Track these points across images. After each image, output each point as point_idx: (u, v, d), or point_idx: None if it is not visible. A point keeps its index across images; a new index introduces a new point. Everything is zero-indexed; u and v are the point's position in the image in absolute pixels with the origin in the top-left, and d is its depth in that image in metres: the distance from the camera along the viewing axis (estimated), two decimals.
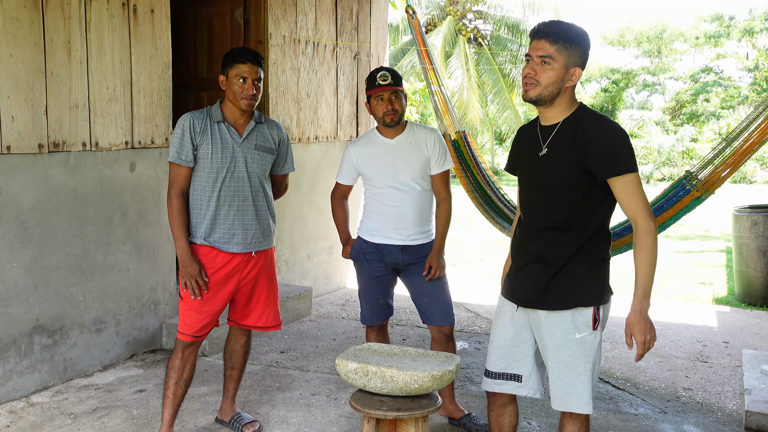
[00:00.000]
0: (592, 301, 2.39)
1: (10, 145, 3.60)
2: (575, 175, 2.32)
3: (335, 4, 6.10)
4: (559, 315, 2.40)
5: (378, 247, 3.45)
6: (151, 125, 4.41)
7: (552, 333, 2.42)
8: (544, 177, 2.40)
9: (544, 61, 2.30)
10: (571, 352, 2.39)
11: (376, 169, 3.42)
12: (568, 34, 2.32)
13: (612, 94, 29.11)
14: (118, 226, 4.25)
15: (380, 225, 3.44)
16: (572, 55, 2.32)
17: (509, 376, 2.54)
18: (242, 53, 3.12)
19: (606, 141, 2.29)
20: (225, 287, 3.16)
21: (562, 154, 2.35)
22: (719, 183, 3.92)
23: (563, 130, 2.37)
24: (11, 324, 3.68)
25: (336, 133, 6.23)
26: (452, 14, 21.96)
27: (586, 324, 2.39)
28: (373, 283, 3.52)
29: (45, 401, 3.73)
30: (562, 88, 2.34)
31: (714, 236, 11.27)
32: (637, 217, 2.29)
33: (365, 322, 3.59)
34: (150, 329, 4.54)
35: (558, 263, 2.38)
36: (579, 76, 2.35)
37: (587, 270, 2.39)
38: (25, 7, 3.63)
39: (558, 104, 2.37)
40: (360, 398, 2.58)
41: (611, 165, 2.27)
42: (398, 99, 3.32)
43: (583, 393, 2.41)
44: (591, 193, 2.35)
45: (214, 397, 3.82)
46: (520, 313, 2.52)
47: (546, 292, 2.40)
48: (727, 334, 5.29)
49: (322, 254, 6.21)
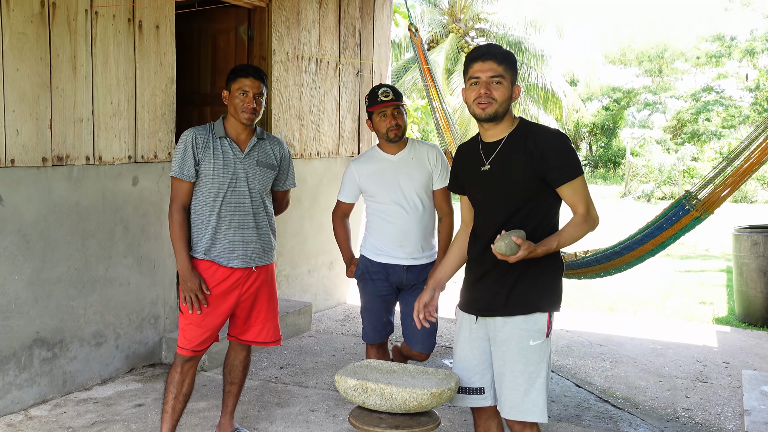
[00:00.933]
0: (548, 307, 2.50)
1: (14, 158, 3.62)
2: (530, 184, 2.46)
3: (338, 21, 6.15)
4: (514, 322, 2.48)
5: (384, 266, 3.47)
6: (155, 140, 4.44)
7: (507, 341, 2.49)
8: (495, 189, 2.52)
9: (495, 80, 2.45)
10: (526, 360, 2.47)
11: (379, 185, 3.43)
12: (509, 55, 2.51)
13: (613, 113, 29.20)
14: (120, 239, 4.26)
15: (385, 243, 3.46)
16: (513, 74, 2.51)
17: (472, 390, 2.62)
18: (245, 68, 3.18)
19: (558, 149, 2.45)
20: (225, 302, 3.17)
21: (511, 166, 2.48)
22: (719, 203, 3.93)
23: (509, 143, 2.50)
24: (11, 336, 3.69)
25: (338, 149, 6.26)
26: (454, 32, 22.10)
27: (539, 331, 2.48)
28: (377, 302, 3.54)
29: (44, 414, 3.73)
30: (509, 105, 2.51)
31: (715, 256, 11.26)
32: (582, 210, 2.46)
33: (367, 339, 3.61)
34: (150, 343, 4.54)
35: (517, 270, 2.47)
36: (519, 92, 2.53)
37: (549, 275, 2.52)
38: (32, 22, 3.67)
39: (505, 120, 2.53)
40: (359, 415, 2.58)
41: (567, 171, 2.44)
42: (400, 114, 3.36)
43: (538, 401, 2.47)
44: (544, 199, 2.49)
45: (212, 412, 3.82)
46: (478, 324, 2.60)
47: (508, 297, 2.49)
48: (727, 355, 5.28)
49: (323, 270, 6.22)
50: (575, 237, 2.45)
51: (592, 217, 2.48)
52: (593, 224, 2.48)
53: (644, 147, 24.85)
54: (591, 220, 2.47)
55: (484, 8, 22.79)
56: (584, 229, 2.46)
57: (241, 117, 3.12)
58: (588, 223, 2.46)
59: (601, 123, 28.82)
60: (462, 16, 22.54)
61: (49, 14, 3.75)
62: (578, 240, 2.48)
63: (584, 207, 2.46)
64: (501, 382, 2.53)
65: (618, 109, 29.41)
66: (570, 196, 2.47)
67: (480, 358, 2.60)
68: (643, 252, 4.30)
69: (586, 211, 2.46)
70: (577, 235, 2.45)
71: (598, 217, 2.51)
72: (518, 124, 2.55)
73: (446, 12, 22.78)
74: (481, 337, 2.60)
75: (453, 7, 22.70)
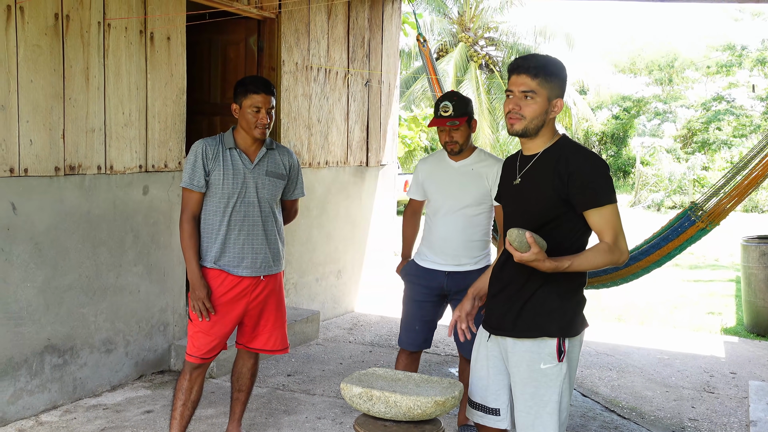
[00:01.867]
0: (557, 333, 2.39)
1: (27, 168, 3.69)
2: (553, 203, 2.36)
3: (347, 32, 6.21)
4: (524, 345, 2.41)
5: (426, 271, 3.51)
6: (165, 149, 4.50)
7: (518, 363, 2.43)
8: (520, 205, 2.46)
9: (526, 96, 2.35)
10: (536, 383, 2.40)
11: (434, 188, 3.50)
12: (548, 67, 2.37)
13: (623, 122, 29.15)
14: (130, 248, 4.32)
15: (428, 248, 3.52)
16: (553, 87, 2.37)
17: (488, 410, 2.55)
18: (255, 82, 3.19)
19: (588, 173, 2.34)
20: (233, 310, 3.21)
21: (539, 183, 2.40)
22: (724, 215, 3.94)
23: (542, 160, 2.42)
24: (23, 343, 3.75)
25: (346, 159, 6.31)
26: (464, 41, 22.17)
27: (550, 355, 2.39)
28: (413, 306, 3.57)
29: (54, 420, 3.78)
30: (546, 120, 2.40)
31: (724, 266, 11.22)
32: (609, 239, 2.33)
33: (399, 343, 3.65)
34: (159, 350, 4.59)
35: (528, 291, 2.41)
36: (561, 107, 2.40)
37: (555, 300, 2.40)
38: (46, 35, 3.75)
39: (541, 135, 2.42)
40: (364, 422, 2.61)
41: (593, 197, 2.32)
42: (459, 129, 3.39)
43: (549, 425, 2.41)
44: (566, 222, 2.38)
45: (220, 419, 3.86)
46: (491, 342, 2.54)
47: (516, 319, 2.42)
48: (735, 365, 5.28)
49: (331, 278, 6.26)
50: (594, 264, 2.32)
51: (619, 249, 2.33)
52: (619, 256, 2.34)
53: (654, 156, 24.79)
54: (617, 251, 2.33)
55: (494, 17, 22.87)
56: (607, 258, 2.32)
57: (255, 133, 3.17)
58: (613, 254, 2.32)
59: (611, 132, 28.77)
60: (471, 26, 22.61)
61: (62, 27, 3.82)
62: (598, 268, 2.34)
63: (611, 236, 2.32)
64: (515, 402, 2.49)
65: (628, 118, 29.36)
66: (597, 222, 2.35)
67: (495, 378, 2.54)
68: (650, 262, 4.32)
69: (613, 241, 2.32)
70: (597, 262, 2.32)
71: (626, 251, 2.37)
72: (557, 141, 2.44)
73: (455, 21, 22.86)
74: (495, 356, 2.53)
75: (462, 16, 22.79)
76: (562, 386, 2.41)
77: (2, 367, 3.65)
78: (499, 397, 2.54)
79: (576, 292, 2.45)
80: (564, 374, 2.40)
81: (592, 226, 2.37)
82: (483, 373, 2.57)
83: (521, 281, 2.42)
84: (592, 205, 2.32)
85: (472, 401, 2.60)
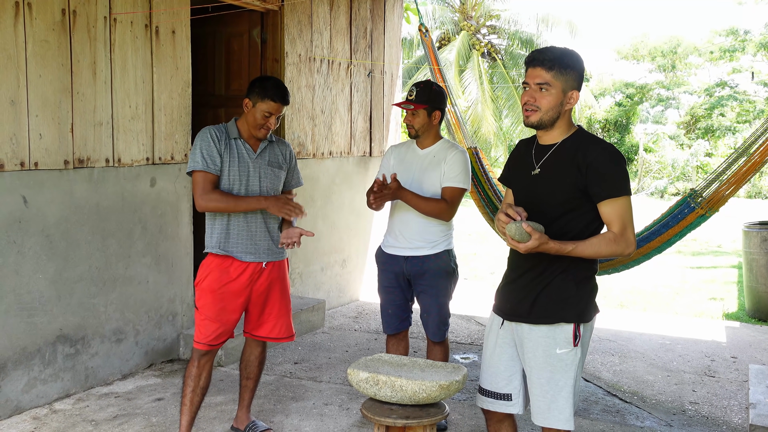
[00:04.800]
0: (574, 318, 2.44)
1: (37, 162, 3.76)
2: (571, 194, 2.40)
3: (350, 23, 6.25)
4: (540, 330, 2.46)
5: (389, 257, 3.62)
6: (171, 141, 4.57)
7: (534, 348, 2.48)
8: (539, 195, 2.49)
9: (542, 88, 2.39)
10: (552, 368, 2.45)
11: (400, 174, 3.56)
12: (563, 59, 2.41)
13: (626, 108, 29.09)
14: (139, 239, 4.39)
15: (390, 233, 3.64)
16: (568, 80, 2.41)
17: (499, 396, 2.59)
18: (277, 90, 3.20)
19: (605, 165, 2.38)
20: (239, 297, 3.28)
21: (558, 174, 2.44)
22: (723, 201, 3.99)
23: (560, 150, 2.46)
24: (36, 333, 3.83)
25: (349, 149, 6.37)
26: (466, 29, 22.12)
27: (567, 340, 2.44)
28: (383, 292, 3.70)
29: (67, 408, 3.86)
30: (562, 111, 2.44)
31: (727, 252, 11.26)
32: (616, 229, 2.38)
33: (384, 329, 3.75)
34: (168, 340, 4.67)
35: (546, 279, 2.46)
36: (577, 99, 2.44)
37: (573, 287, 2.45)
38: (54, 30, 3.80)
39: (558, 127, 2.47)
40: (370, 406, 2.68)
41: (608, 188, 2.37)
42: (416, 115, 3.52)
43: (564, 409, 2.46)
44: (584, 213, 2.43)
45: (229, 405, 3.94)
46: (504, 329, 2.58)
47: (533, 306, 2.47)
48: (736, 349, 5.34)
49: (336, 267, 6.33)
50: (599, 252, 2.36)
51: (625, 240, 2.37)
52: (625, 247, 2.38)
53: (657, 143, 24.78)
54: (623, 242, 2.37)
55: (496, 5, 22.81)
56: (612, 248, 2.36)
57: (258, 133, 3.24)
58: (618, 244, 2.36)
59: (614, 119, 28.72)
60: (473, 14, 22.56)
61: (69, 22, 3.88)
62: (602, 257, 2.40)
63: (619, 227, 2.37)
64: (530, 387, 2.53)
65: (631, 105, 29.29)
66: (608, 213, 2.38)
67: (507, 364, 2.57)
68: (651, 249, 4.37)
69: (621, 232, 2.36)
70: (602, 250, 2.36)
71: (633, 243, 2.40)
72: (574, 133, 2.48)
73: (457, 9, 22.81)
74: (507, 343, 2.57)
75: (464, 4, 22.72)
76: (577, 371, 2.47)
77: (16, 356, 3.73)
78: (510, 382, 2.58)
79: (590, 279, 2.51)
80: (579, 359, 2.46)
81: (603, 217, 2.41)
82: (494, 359, 2.61)
83: (540, 269, 2.47)
84: (606, 195, 2.36)
85: (482, 388, 2.64)
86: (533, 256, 2.45)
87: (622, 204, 2.37)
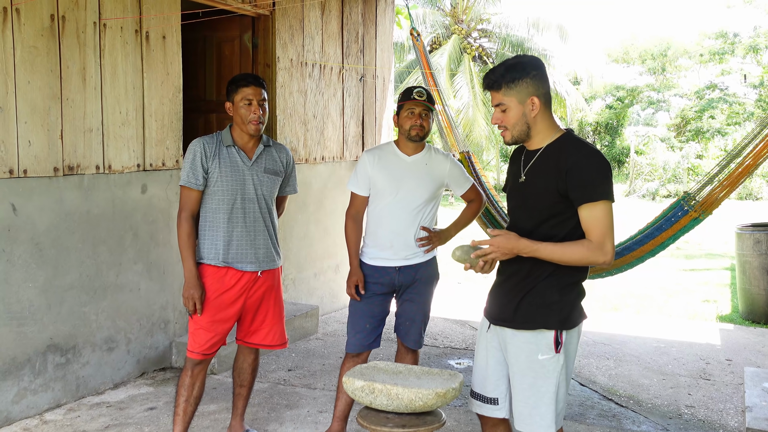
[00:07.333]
0: (556, 325, 2.42)
1: (26, 169, 3.71)
2: (554, 199, 2.39)
3: (341, 27, 6.23)
4: (523, 336, 2.45)
5: (374, 269, 3.44)
6: (162, 148, 4.53)
7: (517, 354, 2.47)
8: (526, 200, 2.49)
9: (501, 109, 2.44)
10: (535, 373, 2.44)
11: (386, 182, 3.41)
12: (506, 75, 2.40)
13: (617, 111, 29.22)
14: (130, 246, 4.35)
15: (375, 246, 3.44)
16: (521, 90, 2.39)
17: (487, 399, 2.59)
18: (244, 77, 3.25)
19: (584, 169, 2.35)
20: (233, 306, 3.25)
21: (541, 179, 2.43)
22: (716, 204, 3.99)
23: (543, 156, 2.45)
24: (26, 343, 3.78)
25: (342, 154, 6.34)
26: (457, 33, 22.16)
27: (548, 346, 2.42)
28: (361, 305, 3.47)
29: (58, 419, 3.81)
30: (530, 120, 2.43)
31: (719, 254, 11.29)
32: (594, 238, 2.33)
33: (347, 348, 3.53)
34: (160, 348, 4.63)
35: (530, 283, 2.45)
36: (539, 104, 2.40)
37: (556, 293, 2.43)
38: (43, 36, 3.76)
39: (537, 133, 2.46)
40: (366, 415, 2.65)
41: (585, 193, 2.33)
42: (427, 117, 3.41)
43: (546, 415, 2.45)
44: (568, 219, 2.40)
45: (223, 414, 3.90)
46: (491, 333, 2.58)
47: (516, 311, 2.46)
48: (731, 352, 5.34)
49: (329, 273, 6.29)
50: (570, 258, 2.33)
51: (602, 249, 2.31)
52: (602, 257, 2.32)
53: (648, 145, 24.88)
54: (599, 252, 2.32)
55: (487, 9, 22.87)
56: (587, 256, 2.32)
57: (248, 129, 3.20)
58: (594, 253, 2.32)
59: (605, 122, 28.84)
60: (464, 18, 22.61)
61: (58, 27, 3.84)
62: (574, 264, 2.36)
63: (597, 235, 2.31)
64: (513, 393, 2.52)
65: (622, 108, 29.43)
66: (586, 218, 2.33)
67: (494, 368, 2.57)
68: (643, 252, 4.36)
69: (598, 241, 2.31)
70: (574, 257, 2.33)
71: (610, 252, 2.33)
72: (560, 137, 2.46)
73: (448, 13, 22.86)
74: (495, 347, 2.57)
75: (455, 8, 22.78)
76: (559, 377, 2.45)
77: (6, 367, 3.68)
78: (497, 386, 2.58)
79: (576, 285, 2.48)
80: (561, 365, 2.45)
81: (582, 222, 2.36)
82: (482, 363, 2.61)
83: (524, 273, 2.46)
84: (586, 200, 2.33)
85: (473, 391, 2.65)
86: (517, 260, 2.45)
87: (601, 209, 2.32)
